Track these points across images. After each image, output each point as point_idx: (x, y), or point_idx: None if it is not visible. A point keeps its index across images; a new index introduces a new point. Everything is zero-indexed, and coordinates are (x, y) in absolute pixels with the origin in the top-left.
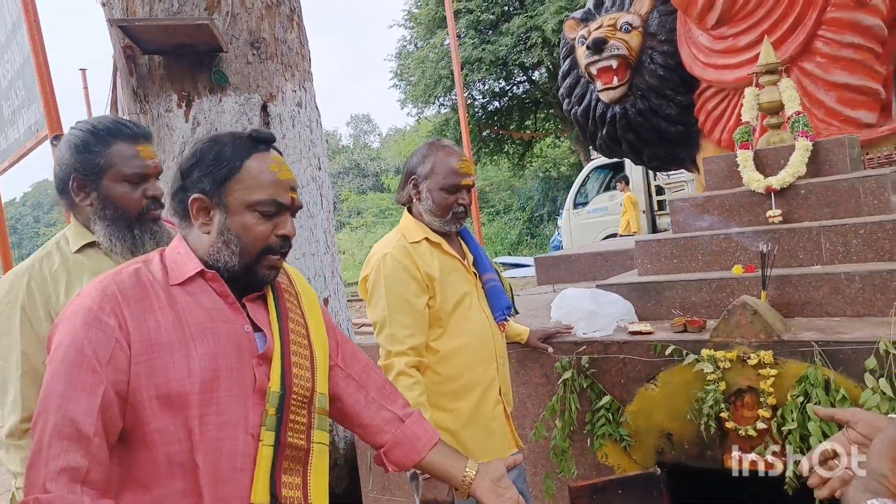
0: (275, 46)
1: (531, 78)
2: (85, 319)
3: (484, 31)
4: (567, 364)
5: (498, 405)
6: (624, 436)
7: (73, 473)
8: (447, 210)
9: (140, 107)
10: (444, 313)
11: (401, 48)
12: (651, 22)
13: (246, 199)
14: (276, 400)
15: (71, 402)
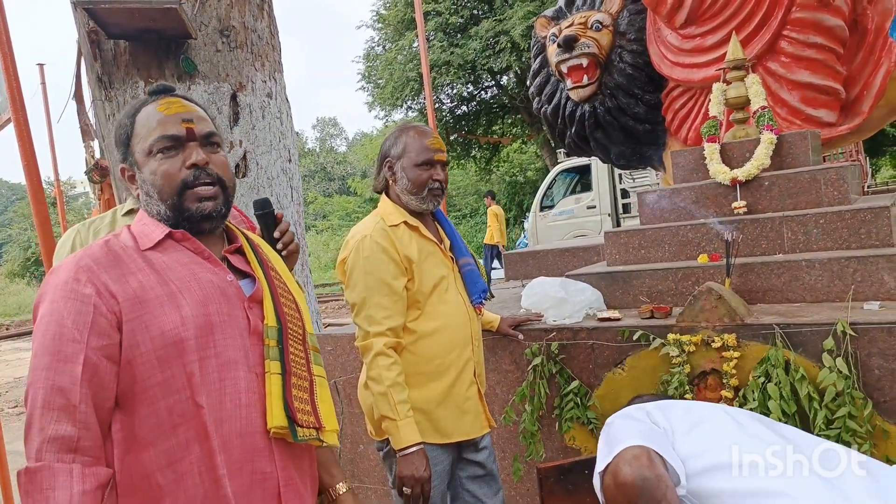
0: (245, 35)
1: (499, 83)
2: (62, 293)
3: (452, 34)
4: (537, 350)
5: (472, 386)
6: (591, 419)
7: (63, 442)
8: (423, 186)
9: (105, 93)
10: (421, 295)
11: (369, 49)
12: (621, 21)
13: (143, 147)
14: (274, 333)
15: (57, 373)
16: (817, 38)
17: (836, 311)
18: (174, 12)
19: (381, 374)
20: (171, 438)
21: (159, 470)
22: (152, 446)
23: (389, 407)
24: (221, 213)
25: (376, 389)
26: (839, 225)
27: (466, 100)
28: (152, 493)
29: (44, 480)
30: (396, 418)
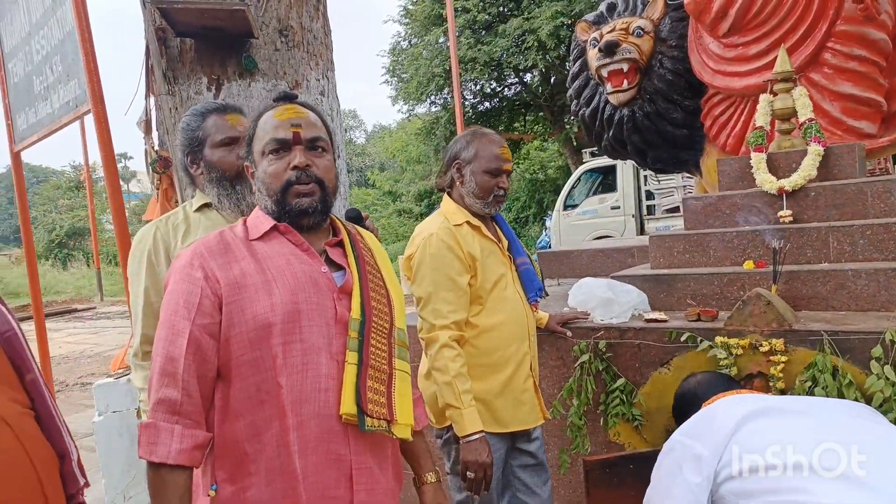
0: (301, 35)
1: (523, 80)
2: (180, 275)
3: (479, 31)
4: (584, 348)
5: (528, 379)
6: (636, 416)
7: (168, 405)
8: (489, 192)
9: (168, 88)
10: (483, 291)
11: (395, 44)
12: (662, 27)
13: (259, 148)
14: (357, 326)
15: (170, 344)
16: (861, 51)
17: (883, 321)
18: (241, 13)
19: (446, 365)
20: (257, 412)
21: (246, 439)
22: (242, 417)
23: (454, 396)
24: (318, 209)
25: (441, 379)
26: (886, 237)
27: (489, 96)
28: (241, 458)
29: (150, 435)
30: (461, 407)
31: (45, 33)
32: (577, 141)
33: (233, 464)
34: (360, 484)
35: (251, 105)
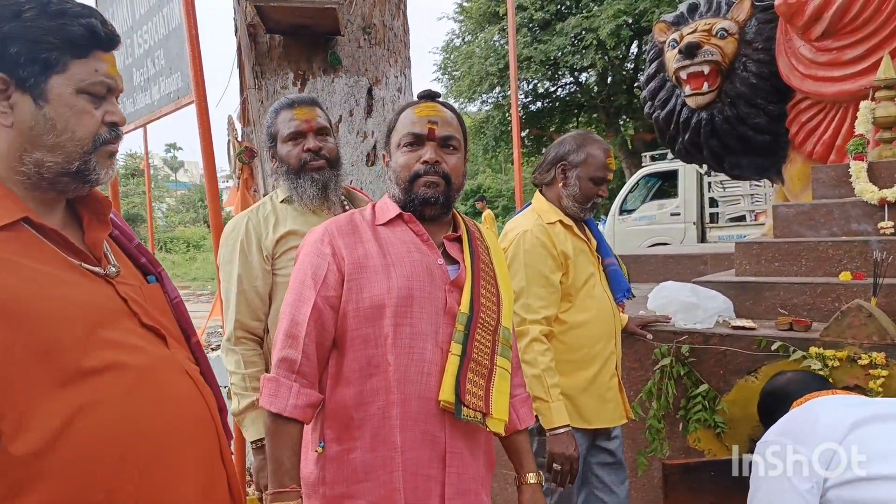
0: (383, 33)
1: (578, 80)
2: (311, 248)
3: (536, 29)
4: (666, 351)
5: (613, 378)
6: (719, 423)
7: (289, 363)
8: (589, 199)
9: (256, 82)
10: (573, 289)
11: (448, 41)
12: (748, 29)
13: (395, 140)
14: (464, 319)
15: (297, 309)
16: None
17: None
18: (331, 11)
19: (536, 359)
20: (366, 383)
21: (354, 406)
22: (352, 386)
23: (543, 389)
24: (440, 202)
25: (530, 372)
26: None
27: (542, 96)
28: (348, 423)
29: (272, 388)
30: (549, 400)
31: (149, 28)
32: (633, 144)
33: (340, 426)
34: (451, 466)
35: (333, 101)
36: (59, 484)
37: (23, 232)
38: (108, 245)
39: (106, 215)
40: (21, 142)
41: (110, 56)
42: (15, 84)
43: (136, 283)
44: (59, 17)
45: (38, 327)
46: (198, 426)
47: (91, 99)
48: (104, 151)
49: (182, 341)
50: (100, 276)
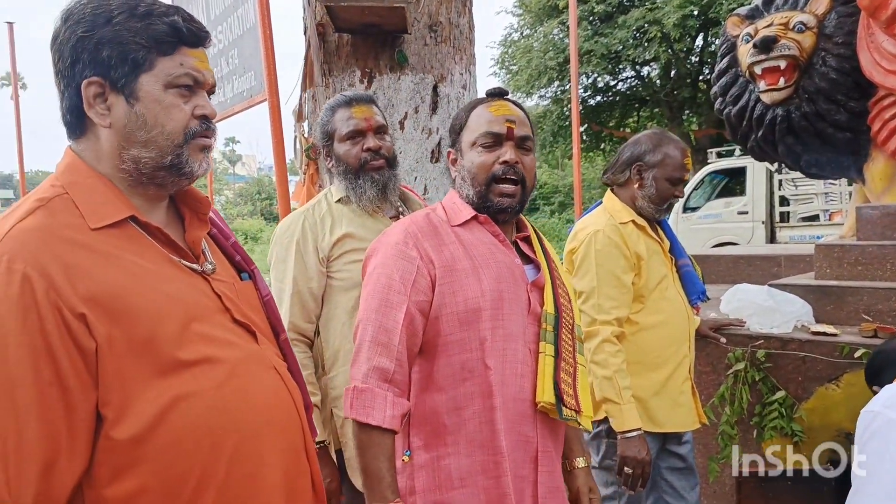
0: (449, 30)
1: (640, 74)
2: (393, 251)
3: (597, 22)
4: (740, 356)
5: (686, 382)
6: (796, 431)
7: (382, 372)
8: (666, 199)
9: (324, 80)
10: (646, 291)
11: (506, 36)
12: (828, 23)
13: (470, 138)
14: (552, 320)
15: (385, 316)
16: None
17: None
18: (400, 10)
19: (607, 360)
20: (458, 388)
21: (446, 412)
22: (444, 391)
23: (615, 391)
24: (516, 209)
25: (601, 373)
26: None
27: (602, 90)
28: (439, 429)
29: (367, 399)
30: (621, 402)
31: (224, 29)
32: (697, 139)
33: (429, 433)
34: (543, 465)
35: (399, 98)
36: (156, 468)
37: (129, 229)
38: (206, 243)
39: (205, 214)
40: (119, 141)
41: (198, 51)
42: (110, 86)
43: (230, 280)
44: (146, 17)
45: (138, 321)
46: (284, 420)
47: (179, 93)
48: (196, 145)
49: (271, 338)
50: (197, 273)
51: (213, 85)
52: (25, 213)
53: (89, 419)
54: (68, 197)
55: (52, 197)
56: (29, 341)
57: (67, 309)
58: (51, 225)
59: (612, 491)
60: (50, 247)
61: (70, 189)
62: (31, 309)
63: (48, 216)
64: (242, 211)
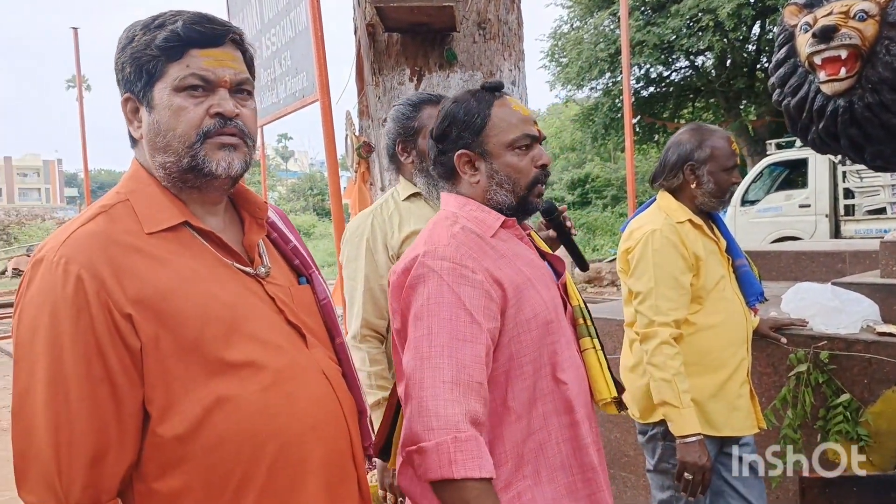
0: (497, 27)
1: (694, 64)
2: (453, 277)
3: (649, 12)
4: (802, 357)
5: (745, 385)
6: (862, 436)
7: (474, 417)
8: (727, 189)
9: (375, 80)
10: (704, 291)
11: (556, 28)
12: (891, 10)
13: (504, 140)
14: (585, 313)
15: (459, 350)
16: None
17: None
18: (449, 9)
19: (665, 363)
20: (531, 412)
21: (523, 441)
22: (520, 419)
23: (673, 394)
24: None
25: (659, 376)
26: None
27: (654, 81)
28: (519, 462)
29: (474, 449)
30: (680, 406)
31: (277, 31)
32: (755, 130)
33: (511, 470)
34: (602, 463)
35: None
36: (199, 468)
37: (184, 233)
38: (264, 246)
39: (262, 219)
40: (151, 150)
41: (212, 50)
42: (136, 100)
43: (286, 284)
44: (157, 29)
45: (185, 323)
46: (328, 427)
47: (190, 95)
48: (213, 143)
49: (326, 342)
50: (250, 276)
51: (233, 82)
52: (88, 218)
53: (137, 414)
54: (129, 203)
55: (114, 203)
56: (82, 339)
57: (116, 309)
58: (109, 230)
59: (668, 496)
60: (105, 250)
61: (131, 196)
62: (83, 309)
63: (108, 222)
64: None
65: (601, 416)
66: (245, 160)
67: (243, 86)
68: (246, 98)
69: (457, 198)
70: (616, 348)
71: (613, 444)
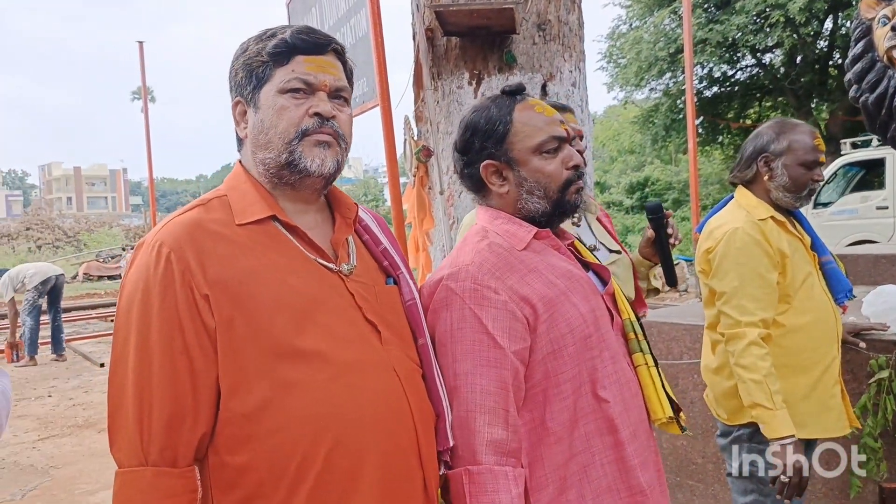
0: (558, 28)
1: (761, 62)
2: (475, 299)
3: (712, 9)
4: (884, 363)
5: (836, 385)
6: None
7: (498, 445)
8: (804, 186)
9: (434, 83)
10: (791, 290)
11: (614, 28)
12: None
13: (529, 145)
14: (637, 327)
15: (482, 377)
16: None
17: None
18: (509, 11)
19: (755, 364)
20: (573, 432)
21: (565, 464)
22: (561, 441)
23: (765, 396)
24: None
25: (749, 377)
26: None
27: (718, 81)
28: (562, 486)
29: (487, 483)
30: (773, 408)
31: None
32: (828, 128)
33: (553, 495)
34: (664, 484)
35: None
36: (263, 447)
37: (271, 227)
38: (355, 246)
39: (350, 219)
40: (252, 147)
41: (316, 58)
42: (244, 102)
43: (371, 283)
44: (269, 39)
45: (260, 307)
46: (392, 422)
47: (293, 97)
48: (310, 141)
49: (408, 341)
50: (332, 271)
51: (333, 87)
52: (186, 209)
53: (211, 388)
54: (226, 199)
55: (212, 198)
56: (167, 315)
57: (196, 289)
58: (201, 219)
59: (751, 499)
60: (193, 236)
61: (229, 192)
62: (170, 286)
63: (203, 213)
64: None
65: None
66: (337, 160)
67: (341, 92)
68: (343, 104)
69: (488, 210)
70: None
71: (680, 451)
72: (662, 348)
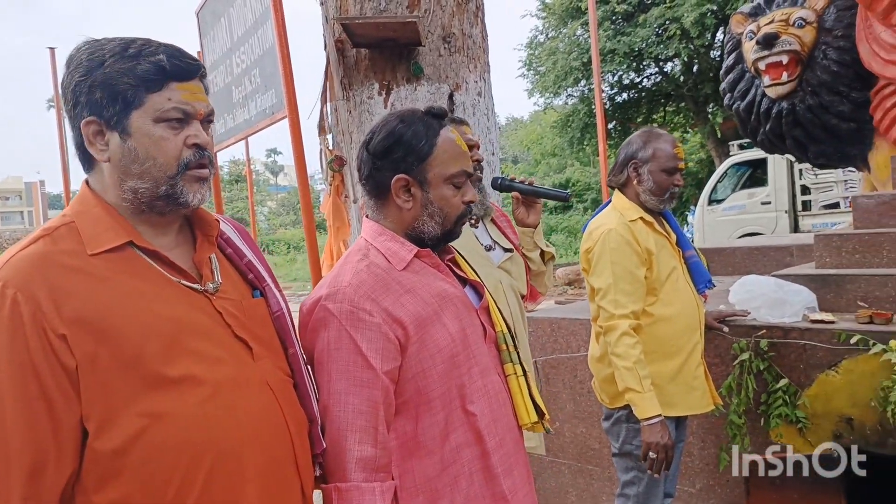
0: (462, 41)
1: (664, 70)
2: (350, 321)
3: (619, 22)
4: (745, 346)
5: (699, 367)
6: (800, 418)
7: (366, 463)
8: (666, 190)
9: (345, 94)
10: (658, 283)
11: (532, 38)
12: (827, 17)
13: (444, 173)
14: (508, 339)
15: (355, 396)
16: None
17: None
18: (413, 24)
19: (627, 352)
20: (444, 446)
21: (437, 476)
22: (432, 454)
23: (636, 381)
24: None
25: (622, 364)
26: None
27: (627, 87)
28: (432, 494)
29: (353, 499)
30: (642, 391)
31: (246, 49)
32: (722, 133)
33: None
34: (531, 483)
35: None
36: (136, 479)
37: (129, 253)
38: (217, 262)
39: (213, 236)
40: (118, 174)
41: (189, 84)
42: (105, 124)
43: (238, 298)
44: (134, 58)
45: (125, 339)
46: (267, 436)
47: (170, 126)
48: (191, 176)
49: (279, 353)
50: (197, 292)
51: (206, 114)
52: (30, 241)
53: (75, 430)
54: (74, 225)
55: (59, 226)
56: (17, 359)
57: (51, 330)
58: (49, 252)
59: (631, 476)
60: (42, 272)
61: (77, 218)
62: (18, 330)
63: (49, 244)
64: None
65: (570, 409)
66: (209, 188)
67: (210, 116)
68: (208, 127)
69: (374, 226)
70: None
71: (580, 438)
72: (562, 342)
